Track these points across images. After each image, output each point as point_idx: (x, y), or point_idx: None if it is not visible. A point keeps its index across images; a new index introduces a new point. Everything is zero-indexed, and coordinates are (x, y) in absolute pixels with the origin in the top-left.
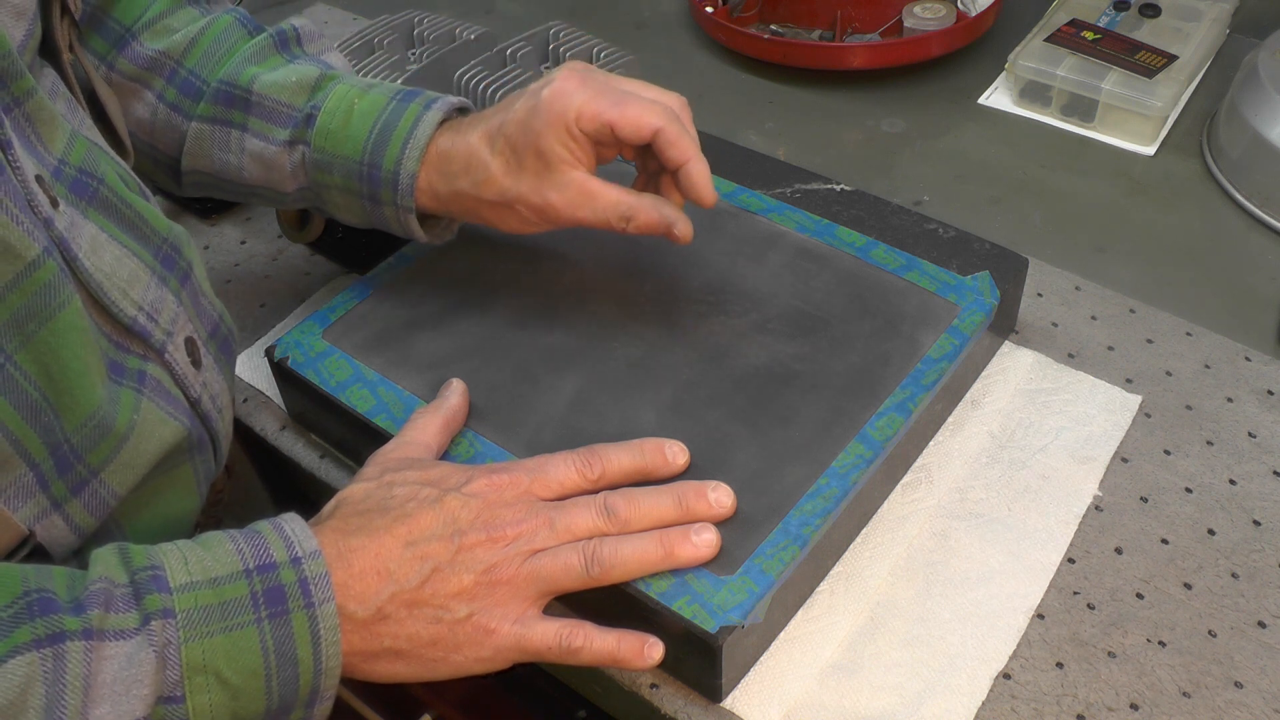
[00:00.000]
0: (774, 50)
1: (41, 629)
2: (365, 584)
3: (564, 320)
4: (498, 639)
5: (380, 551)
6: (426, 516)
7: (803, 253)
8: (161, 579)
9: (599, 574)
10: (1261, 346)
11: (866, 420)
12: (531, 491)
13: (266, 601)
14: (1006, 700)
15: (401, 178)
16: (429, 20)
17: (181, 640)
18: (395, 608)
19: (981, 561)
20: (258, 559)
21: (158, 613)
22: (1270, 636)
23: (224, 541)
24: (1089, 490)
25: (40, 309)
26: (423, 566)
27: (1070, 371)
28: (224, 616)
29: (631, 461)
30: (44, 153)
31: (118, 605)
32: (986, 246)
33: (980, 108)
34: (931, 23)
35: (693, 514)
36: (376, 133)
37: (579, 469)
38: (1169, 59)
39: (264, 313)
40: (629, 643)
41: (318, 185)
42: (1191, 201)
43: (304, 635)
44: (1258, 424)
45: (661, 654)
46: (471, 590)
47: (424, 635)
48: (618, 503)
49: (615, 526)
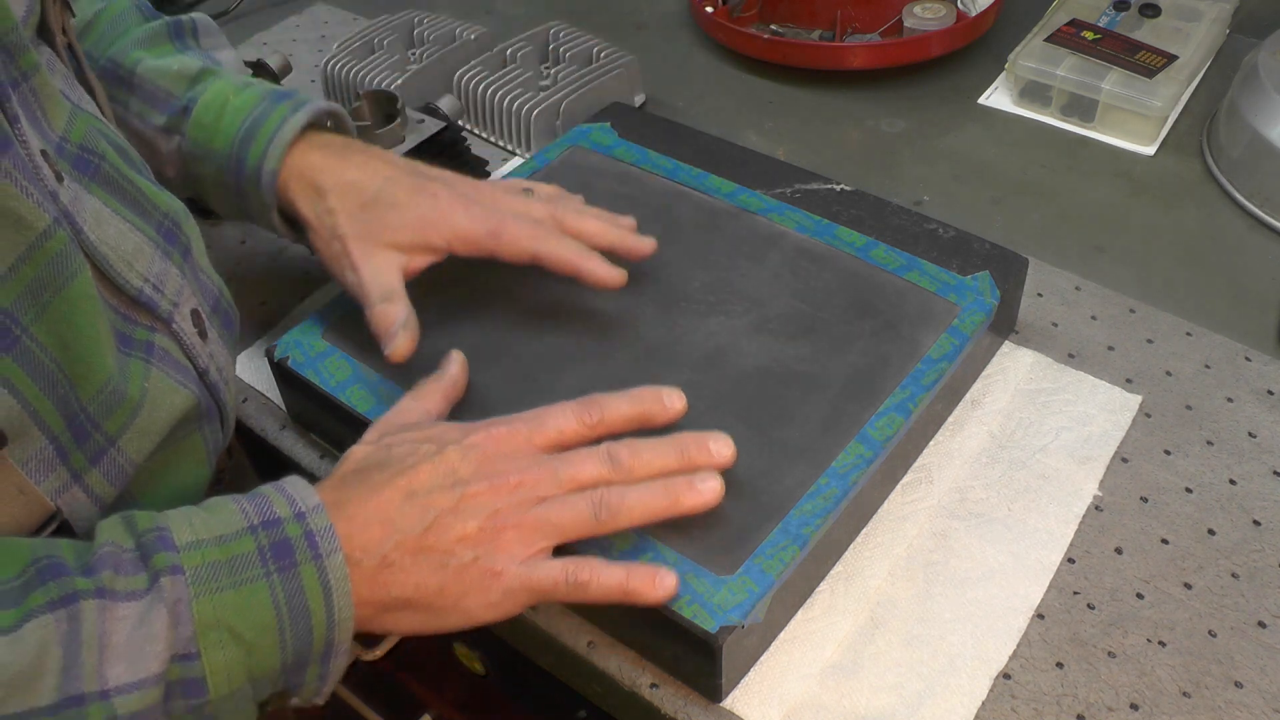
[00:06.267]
0: (774, 50)
1: (55, 591)
2: (368, 534)
3: (563, 321)
4: (505, 581)
5: (381, 503)
6: (426, 469)
7: (803, 253)
8: (167, 538)
9: (607, 519)
10: (1261, 346)
11: (866, 420)
12: (531, 442)
13: (274, 556)
14: (1006, 700)
15: (264, 175)
16: (429, 20)
17: (192, 596)
18: (400, 555)
19: (981, 561)
20: (262, 516)
21: (166, 569)
22: (1270, 636)
23: (227, 503)
24: (1089, 490)
25: (53, 278)
26: (425, 515)
27: (1070, 371)
28: (232, 572)
29: (630, 407)
30: (47, 129)
31: (126, 568)
32: (986, 246)
33: (980, 108)
34: (931, 23)
35: (694, 463)
36: (245, 129)
37: (578, 416)
38: (1169, 59)
39: (264, 312)
40: (639, 574)
41: (193, 175)
42: (1191, 201)
43: (314, 587)
44: (1258, 424)
45: (675, 584)
46: (476, 536)
47: (431, 583)
48: (621, 451)
49: (619, 475)
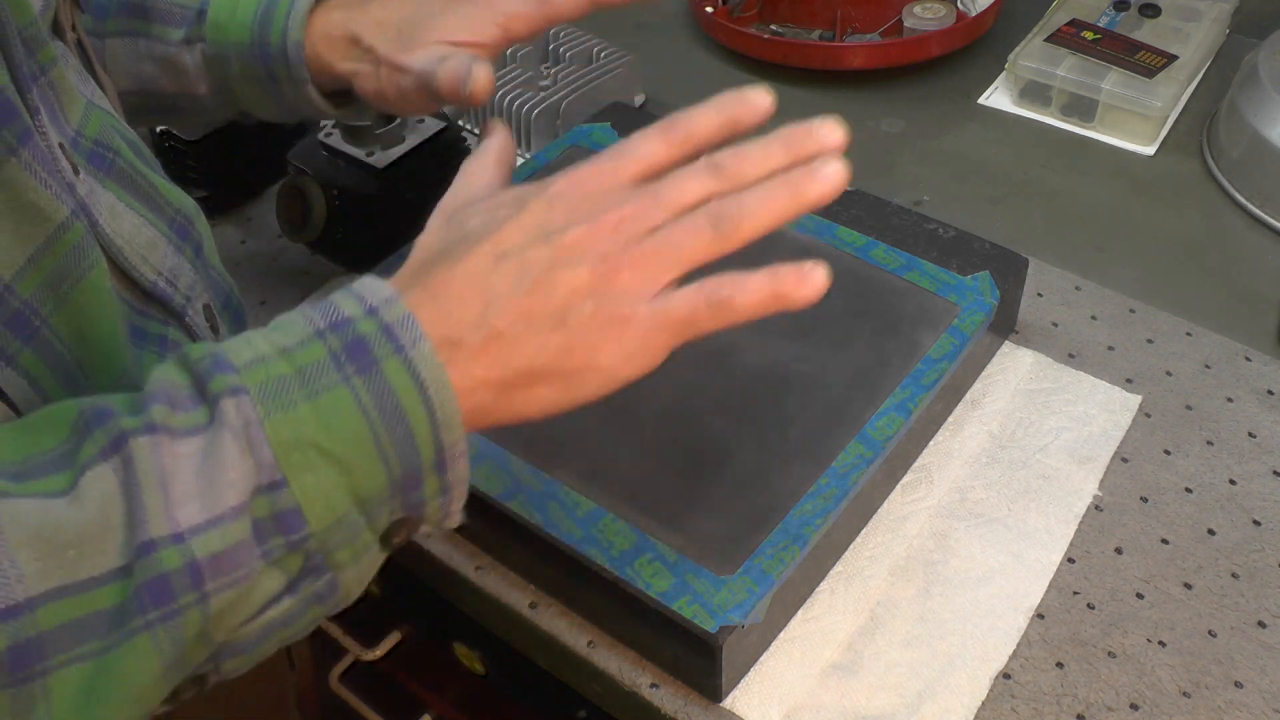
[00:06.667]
0: (774, 50)
1: (102, 438)
2: (464, 308)
3: None
4: (638, 323)
5: (469, 271)
6: (511, 227)
7: (803, 253)
8: (223, 360)
9: (730, 230)
10: (1261, 346)
11: (866, 420)
12: (619, 177)
13: (350, 357)
14: (1006, 700)
15: (290, 49)
16: None
17: (262, 416)
18: (508, 322)
19: (981, 561)
20: (328, 319)
21: (225, 392)
22: (1270, 636)
23: (291, 315)
24: (1089, 490)
25: (71, 270)
26: (524, 274)
27: (1070, 371)
28: (304, 383)
29: (716, 115)
30: (64, 123)
31: (183, 403)
32: (986, 246)
33: (980, 108)
34: (931, 23)
35: (804, 153)
36: (260, 13)
37: (662, 138)
38: (1169, 59)
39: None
40: (784, 273)
41: (224, 81)
42: (1191, 201)
43: (404, 384)
44: (1258, 424)
45: (824, 275)
46: (590, 283)
47: (553, 344)
48: (723, 158)
49: (727, 183)
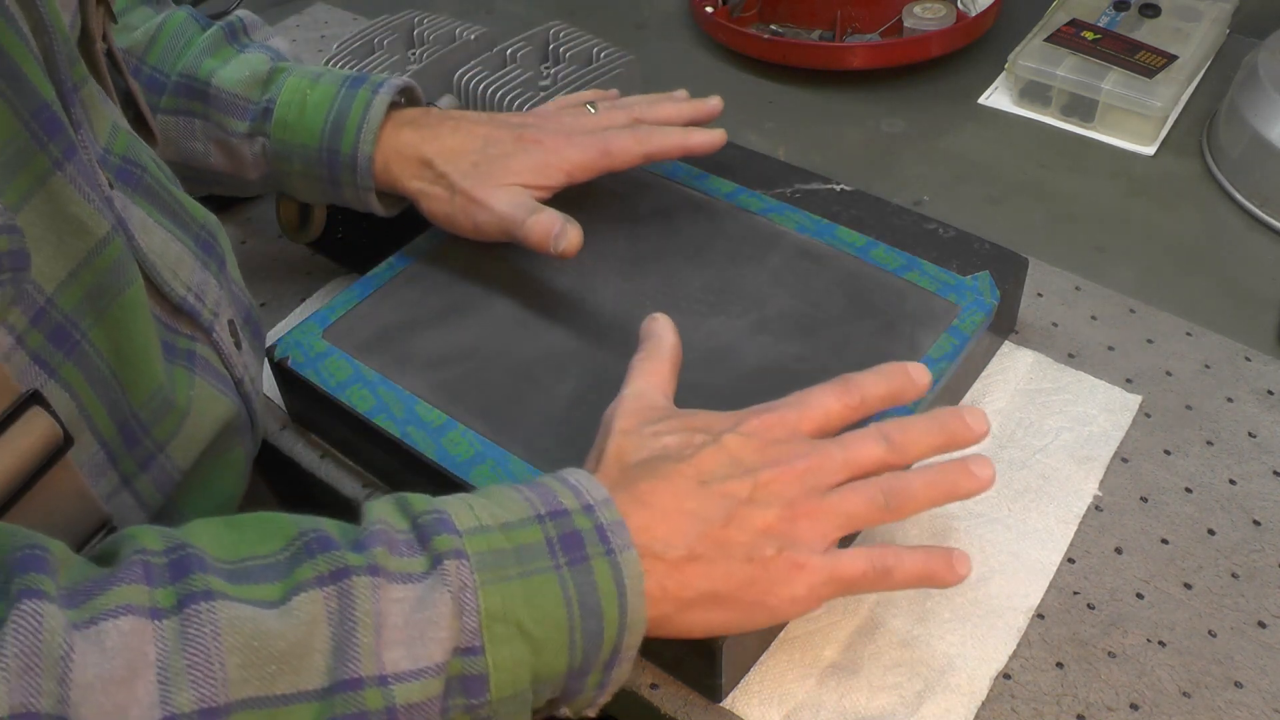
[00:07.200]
0: (774, 50)
1: (324, 565)
2: (672, 524)
3: (564, 320)
4: (810, 574)
5: (677, 491)
6: (710, 456)
7: (803, 253)
8: (448, 521)
9: (897, 507)
10: (1261, 346)
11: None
12: (800, 427)
13: (564, 548)
14: (1006, 700)
15: (360, 161)
16: (429, 20)
17: (479, 584)
18: (706, 547)
19: (981, 561)
20: (549, 505)
21: (449, 553)
22: (1270, 636)
23: (508, 490)
24: (1089, 490)
25: (110, 285)
26: (725, 504)
27: (1070, 371)
28: (520, 561)
29: (886, 385)
30: (93, 140)
31: (400, 549)
32: (986, 246)
33: (980, 108)
34: (931, 23)
35: (955, 438)
36: (331, 121)
37: (840, 398)
38: (1169, 59)
39: (264, 313)
40: (937, 557)
41: (279, 172)
42: (1191, 201)
43: (607, 584)
44: (1258, 424)
45: (969, 566)
46: (776, 526)
47: (739, 575)
48: (891, 430)
49: (894, 455)
